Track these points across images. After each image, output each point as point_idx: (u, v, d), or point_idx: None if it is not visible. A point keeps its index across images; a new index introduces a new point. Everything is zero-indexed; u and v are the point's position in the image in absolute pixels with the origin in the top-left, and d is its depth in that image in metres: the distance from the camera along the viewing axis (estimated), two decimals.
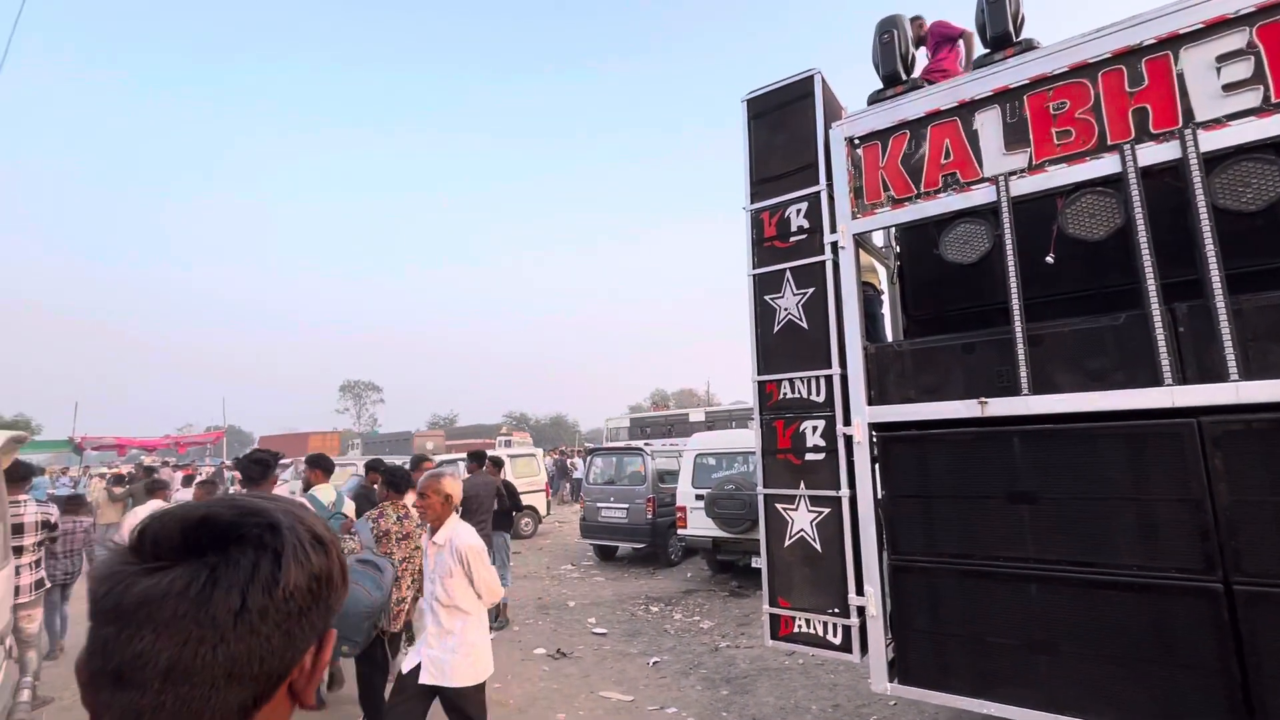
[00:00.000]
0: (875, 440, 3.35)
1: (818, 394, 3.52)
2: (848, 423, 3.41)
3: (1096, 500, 2.65)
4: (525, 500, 11.30)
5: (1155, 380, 2.60)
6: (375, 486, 6.13)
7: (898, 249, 4.08)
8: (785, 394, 3.63)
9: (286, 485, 15.59)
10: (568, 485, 21.40)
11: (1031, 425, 2.80)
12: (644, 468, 10.36)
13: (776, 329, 3.68)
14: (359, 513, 5.07)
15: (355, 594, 3.53)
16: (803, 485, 3.53)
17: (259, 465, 3.97)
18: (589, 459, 11.68)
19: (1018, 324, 2.86)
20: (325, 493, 4.71)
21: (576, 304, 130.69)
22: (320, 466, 4.84)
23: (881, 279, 4.47)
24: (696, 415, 32.30)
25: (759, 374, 3.72)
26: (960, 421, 3.00)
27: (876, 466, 3.34)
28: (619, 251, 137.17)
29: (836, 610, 3.40)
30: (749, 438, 8.91)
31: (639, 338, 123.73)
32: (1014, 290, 2.90)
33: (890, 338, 4.30)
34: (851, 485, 3.40)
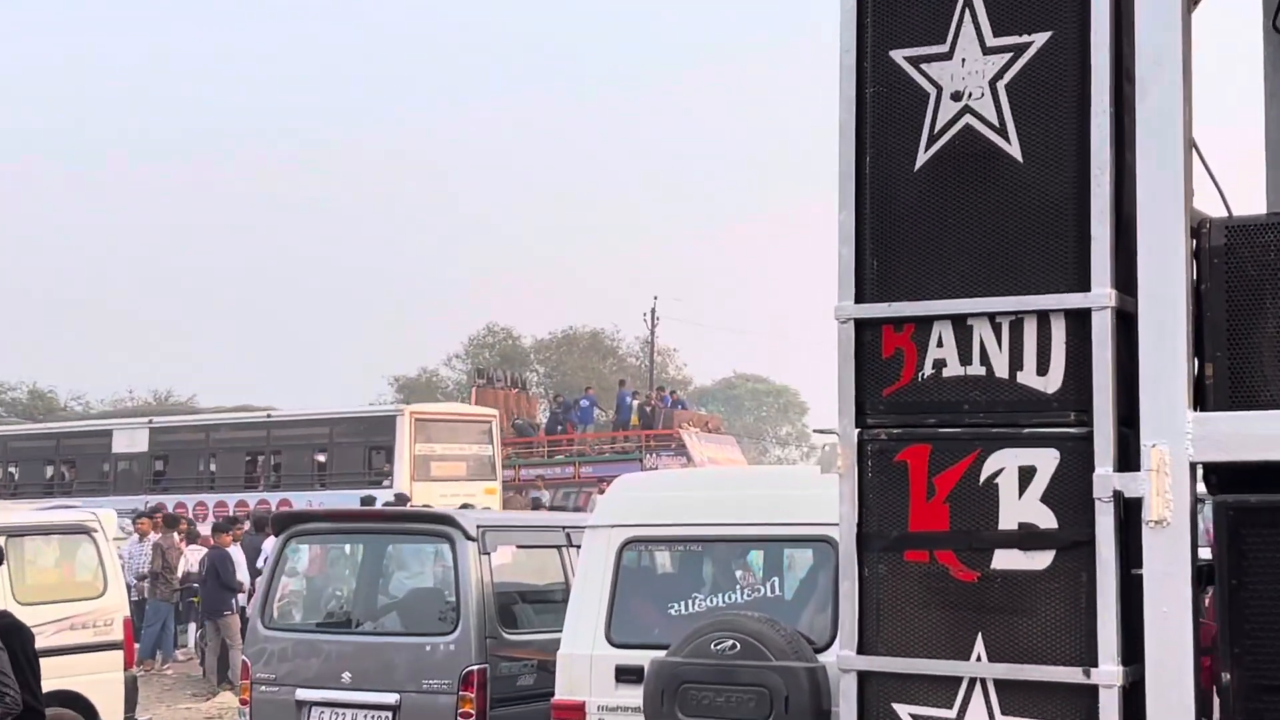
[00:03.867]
0: (1215, 509, 2.11)
1: (1041, 367, 2.14)
2: (1126, 464, 2.06)
3: None
4: (54, 677, 5.18)
5: None
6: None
7: None
8: (935, 366, 2.24)
9: None
10: (196, 623, 11.86)
11: None
12: (455, 574, 5.35)
13: (922, 162, 2.21)
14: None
15: None
16: (980, 644, 2.15)
17: None
18: (282, 544, 6.29)
19: None
20: None
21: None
22: None
23: None
24: (125, 440, 20.72)
25: (856, 298, 2.29)
26: None
27: (1212, 592, 2.10)
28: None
29: None
30: (780, 484, 5.21)
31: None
32: None
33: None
34: (1136, 656, 2.01)
